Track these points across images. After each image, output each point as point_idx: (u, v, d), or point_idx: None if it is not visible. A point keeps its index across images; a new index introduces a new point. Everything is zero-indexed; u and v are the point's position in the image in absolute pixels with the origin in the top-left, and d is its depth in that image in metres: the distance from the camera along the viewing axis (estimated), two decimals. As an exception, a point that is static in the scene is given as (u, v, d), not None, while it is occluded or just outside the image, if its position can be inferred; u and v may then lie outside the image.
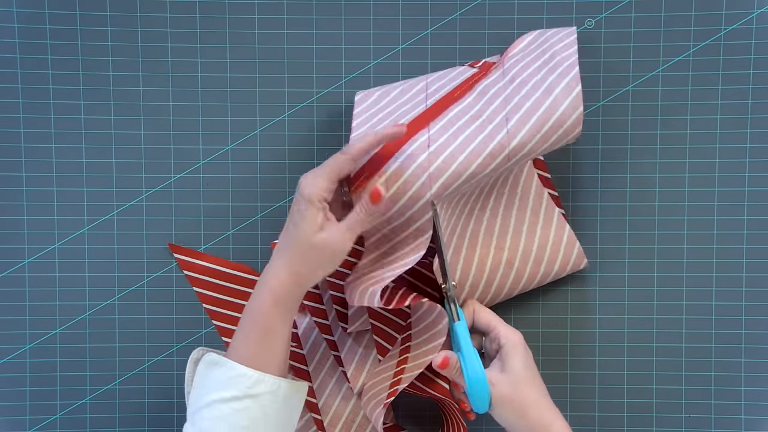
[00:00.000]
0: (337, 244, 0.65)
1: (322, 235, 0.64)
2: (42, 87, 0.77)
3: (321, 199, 0.64)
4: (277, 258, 0.65)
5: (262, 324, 0.64)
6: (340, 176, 0.65)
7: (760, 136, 0.76)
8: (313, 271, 0.65)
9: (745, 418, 0.77)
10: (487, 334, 0.70)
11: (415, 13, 0.77)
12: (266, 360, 0.64)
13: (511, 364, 0.67)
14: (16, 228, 0.78)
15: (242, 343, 0.65)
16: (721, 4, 0.76)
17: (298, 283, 0.65)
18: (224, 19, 0.77)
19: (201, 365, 0.65)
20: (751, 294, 0.77)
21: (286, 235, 0.65)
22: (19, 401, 0.78)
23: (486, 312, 0.71)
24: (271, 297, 0.64)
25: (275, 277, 0.65)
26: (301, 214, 0.64)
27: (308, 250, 0.64)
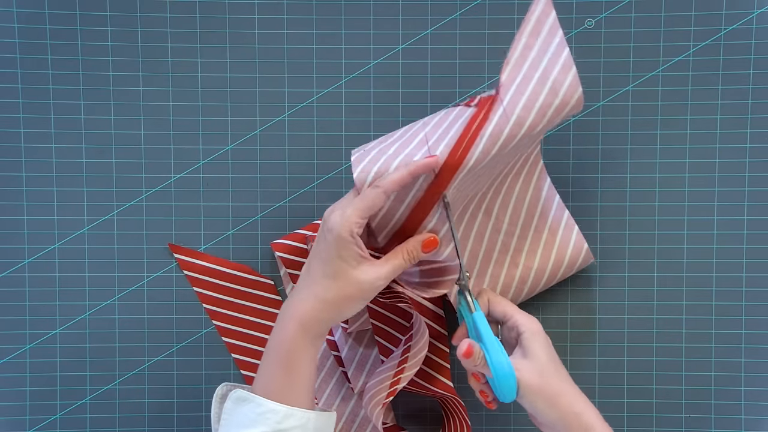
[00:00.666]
0: (375, 284, 0.63)
1: (359, 272, 0.62)
2: (42, 87, 0.77)
3: (353, 234, 0.62)
4: (305, 288, 0.64)
5: (288, 354, 0.63)
6: (372, 211, 0.63)
7: (760, 136, 0.76)
8: (344, 305, 0.63)
9: (745, 418, 0.77)
10: (504, 323, 0.70)
11: (415, 13, 0.77)
12: (293, 392, 0.63)
13: (535, 351, 0.66)
14: (16, 228, 0.78)
15: (268, 375, 0.64)
16: (721, 4, 0.76)
17: (327, 313, 0.63)
18: (224, 19, 0.77)
19: (229, 402, 0.64)
20: (751, 294, 0.77)
21: (317, 268, 0.63)
22: (19, 401, 0.78)
23: (501, 301, 0.70)
24: (297, 326, 0.63)
25: (301, 304, 0.63)
26: (336, 250, 0.62)
27: (344, 285, 0.62)
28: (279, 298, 0.78)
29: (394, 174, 0.63)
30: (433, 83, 0.77)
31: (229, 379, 0.78)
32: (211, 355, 0.78)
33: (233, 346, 0.78)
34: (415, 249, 0.65)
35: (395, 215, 0.66)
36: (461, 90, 0.77)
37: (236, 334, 0.78)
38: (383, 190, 0.63)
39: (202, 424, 0.79)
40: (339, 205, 0.64)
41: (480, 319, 0.67)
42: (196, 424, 0.78)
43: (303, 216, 0.78)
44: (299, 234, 0.77)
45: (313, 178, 0.78)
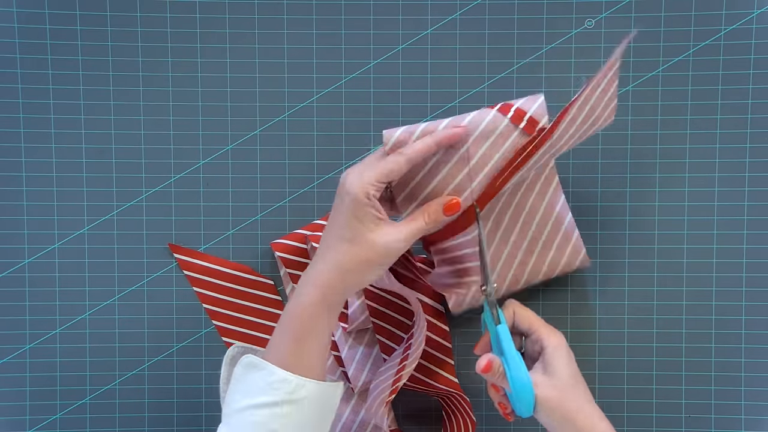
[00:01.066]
0: (394, 249, 0.61)
1: (377, 234, 0.61)
2: (42, 87, 0.77)
3: (370, 196, 0.60)
4: (322, 256, 0.62)
5: (304, 323, 0.62)
6: (391, 177, 0.62)
7: (760, 136, 0.76)
8: (363, 271, 0.62)
9: (745, 418, 0.77)
10: (528, 336, 0.69)
11: (415, 13, 0.77)
12: (306, 362, 0.62)
13: (556, 367, 0.65)
14: (16, 228, 0.78)
15: (282, 344, 0.62)
16: (721, 4, 0.76)
17: (344, 280, 0.61)
18: (224, 19, 0.77)
19: (239, 367, 0.63)
20: (751, 294, 0.77)
21: (333, 232, 0.62)
22: (19, 401, 0.78)
23: (527, 313, 0.69)
24: (315, 293, 0.61)
25: (321, 273, 0.62)
26: (351, 212, 0.60)
27: (361, 248, 0.61)
28: (279, 298, 0.78)
29: (419, 143, 0.62)
30: (433, 83, 0.77)
31: (229, 379, 0.78)
32: (211, 355, 0.78)
33: (233, 346, 0.78)
34: (437, 211, 0.64)
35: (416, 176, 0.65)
36: (461, 90, 0.77)
37: (236, 334, 0.78)
38: (406, 158, 0.61)
39: (202, 424, 0.79)
40: (357, 166, 0.62)
41: (504, 332, 0.66)
42: (196, 424, 0.79)
43: (303, 216, 0.78)
44: (299, 234, 0.77)
45: (313, 178, 0.78)
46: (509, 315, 0.69)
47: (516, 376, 0.64)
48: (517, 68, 0.77)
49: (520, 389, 0.65)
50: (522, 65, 0.77)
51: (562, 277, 0.76)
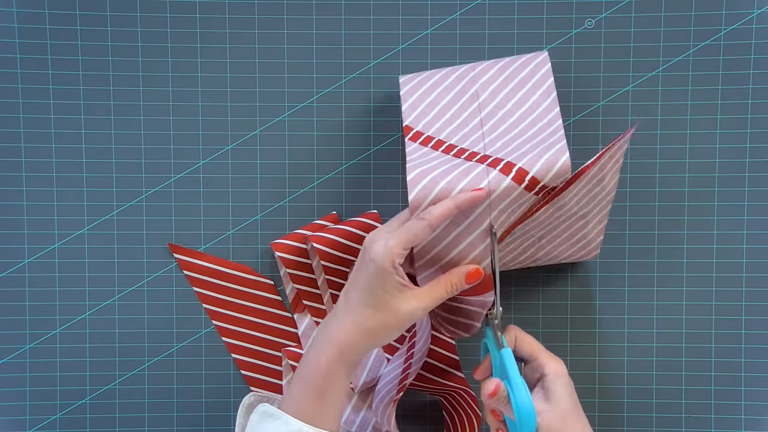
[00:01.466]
0: (415, 315, 0.63)
1: (399, 301, 0.62)
2: (42, 87, 0.77)
3: (395, 264, 0.62)
4: (343, 314, 0.64)
5: (322, 378, 0.63)
6: (415, 243, 0.63)
7: (760, 136, 0.76)
8: (384, 334, 0.63)
9: (745, 418, 0.77)
10: (529, 362, 0.68)
11: (415, 13, 0.77)
12: (323, 416, 0.63)
13: (557, 395, 0.65)
14: (16, 228, 0.78)
15: (299, 396, 0.63)
16: (721, 4, 0.76)
17: (365, 341, 0.63)
18: (224, 19, 0.77)
19: (254, 415, 0.64)
20: (751, 294, 0.77)
21: (357, 295, 0.63)
22: (19, 401, 0.78)
23: (529, 339, 0.69)
24: (334, 350, 0.63)
25: (342, 333, 0.63)
26: (377, 279, 0.62)
27: (384, 314, 0.62)
28: (279, 298, 0.78)
29: (440, 207, 0.63)
30: (433, 83, 0.77)
31: (229, 380, 0.78)
32: (211, 355, 0.78)
33: (233, 346, 0.78)
34: (459, 281, 0.65)
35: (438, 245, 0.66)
36: (461, 90, 0.77)
37: (236, 334, 0.78)
38: (428, 224, 0.62)
39: (201, 424, 0.79)
40: (381, 233, 0.63)
41: (508, 356, 0.66)
42: (196, 424, 0.79)
43: (303, 216, 0.78)
44: (299, 234, 0.77)
45: (313, 178, 0.78)
46: (510, 340, 0.68)
47: (520, 402, 0.63)
48: (517, 68, 0.77)
49: (524, 416, 0.63)
50: (522, 65, 0.77)
51: (562, 277, 0.76)
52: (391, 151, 0.78)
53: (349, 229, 0.75)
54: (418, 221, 0.62)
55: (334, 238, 0.74)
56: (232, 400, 0.78)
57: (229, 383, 0.78)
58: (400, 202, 0.78)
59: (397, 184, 0.78)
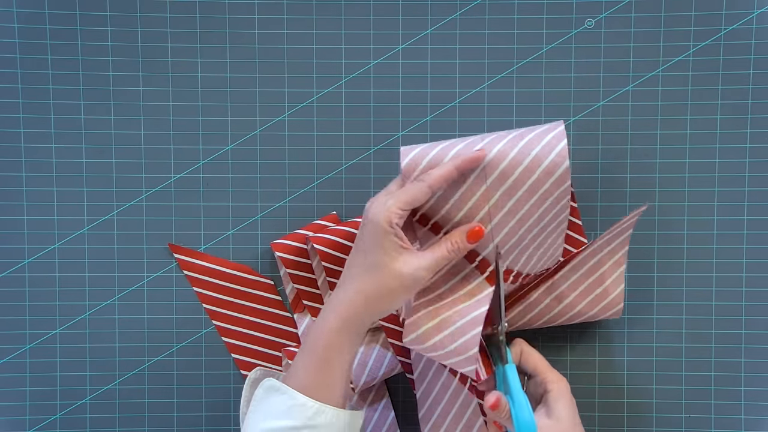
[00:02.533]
0: (416, 275, 0.61)
1: (401, 264, 0.61)
2: (42, 87, 0.77)
3: (393, 224, 0.60)
4: (346, 283, 0.63)
5: (326, 349, 0.62)
6: (414, 205, 0.62)
7: (760, 136, 0.76)
8: (386, 299, 0.62)
9: (745, 418, 0.77)
10: (532, 377, 0.68)
11: (415, 13, 0.77)
12: (327, 388, 0.62)
13: (560, 412, 0.65)
14: (16, 228, 0.78)
15: (303, 368, 0.63)
16: (721, 4, 0.76)
17: (368, 308, 0.62)
18: (224, 19, 0.77)
19: (260, 389, 0.64)
20: (751, 294, 0.77)
21: (357, 261, 0.62)
22: (19, 401, 0.78)
23: (534, 355, 0.69)
24: (338, 320, 0.62)
25: (345, 300, 0.62)
26: (375, 240, 0.61)
27: (385, 277, 0.61)
28: (279, 298, 0.78)
29: (439, 168, 0.62)
30: (433, 83, 0.77)
31: (229, 380, 0.78)
32: (211, 355, 0.78)
33: (233, 346, 0.78)
34: (460, 239, 0.63)
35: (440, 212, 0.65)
36: (461, 90, 0.77)
37: (236, 334, 0.78)
38: (428, 184, 0.61)
39: (202, 425, 0.79)
40: (380, 195, 0.63)
41: (512, 371, 0.66)
42: (196, 424, 0.79)
43: (303, 216, 0.78)
44: (299, 234, 0.77)
45: (313, 178, 0.78)
46: (516, 354, 0.68)
47: (521, 418, 0.63)
48: (517, 68, 0.77)
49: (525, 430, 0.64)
50: (522, 65, 0.77)
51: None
52: (391, 151, 0.78)
53: (350, 229, 0.75)
54: (417, 182, 0.62)
55: (334, 239, 0.74)
56: (232, 400, 0.78)
57: (229, 383, 0.78)
58: (400, 202, 0.78)
59: (397, 184, 0.78)
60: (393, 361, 0.76)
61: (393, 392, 0.79)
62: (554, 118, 0.77)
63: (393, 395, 0.78)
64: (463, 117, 0.77)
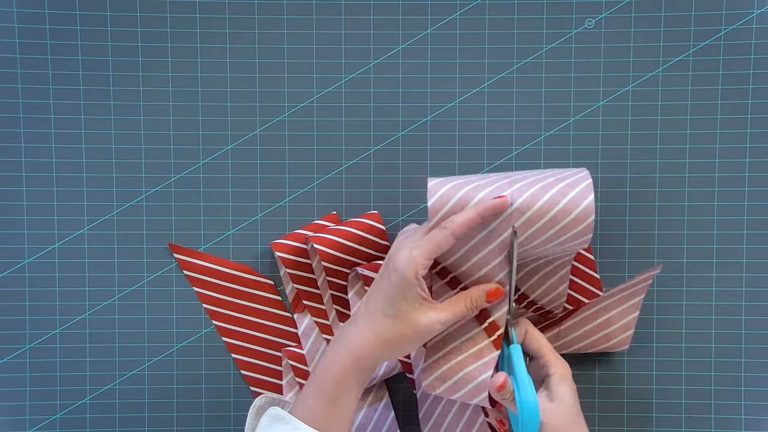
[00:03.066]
0: (432, 327, 0.63)
1: (419, 314, 0.62)
2: (42, 87, 0.77)
3: (418, 276, 0.62)
4: (362, 321, 0.64)
5: (335, 386, 0.63)
6: (438, 253, 0.63)
7: (760, 136, 0.76)
8: (400, 345, 0.63)
9: (745, 418, 0.77)
10: (534, 359, 0.69)
11: (415, 13, 0.77)
12: (334, 422, 0.63)
13: (562, 396, 0.65)
14: (16, 228, 0.78)
15: (310, 402, 0.63)
16: (721, 4, 0.76)
17: (381, 350, 0.63)
18: (224, 19, 0.77)
19: (265, 418, 0.64)
20: (751, 294, 0.77)
21: (378, 304, 0.63)
22: (19, 401, 0.78)
23: (538, 337, 0.69)
24: (350, 358, 0.63)
25: (359, 338, 0.63)
26: (399, 290, 0.62)
27: (403, 325, 0.62)
28: (279, 298, 0.78)
29: (462, 215, 0.63)
30: (433, 83, 0.77)
31: (229, 380, 0.78)
32: (211, 355, 0.78)
33: (233, 346, 0.78)
34: (480, 298, 0.65)
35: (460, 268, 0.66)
36: (461, 90, 0.77)
37: (236, 334, 0.78)
38: (451, 232, 0.62)
39: (201, 424, 0.79)
40: (406, 243, 0.64)
41: (517, 353, 0.66)
42: (196, 424, 0.79)
43: (303, 216, 0.78)
44: (299, 234, 0.77)
45: (313, 178, 0.78)
46: (520, 334, 0.69)
47: (525, 400, 0.64)
48: (517, 68, 0.77)
49: (528, 414, 0.64)
50: (522, 65, 0.77)
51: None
52: (391, 151, 0.78)
53: (350, 230, 0.75)
54: (441, 230, 0.63)
55: (334, 239, 0.74)
56: (232, 400, 0.78)
57: (229, 383, 0.78)
58: (400, 202, 0.78)
59: (397, 184, 0.78)
60: (393, 362, 0.76)
61: (393, 392, 0.79)
62: (554, 118, 0.77)
63: (393, 395, 0.78)
64: (463, 117, 0.77)
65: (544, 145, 0.77)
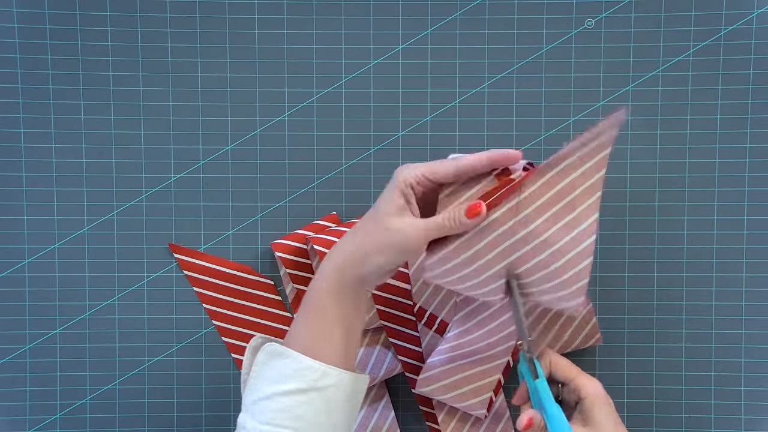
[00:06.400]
0: (409, 237, 0.61)
1: (395, 219, 0.61)
2: (42, 87, 0.77)
3: (408, 184, 0.61)
4: (347, 236, 0.63)
5: (324, 302, 0.62)
6: (436, 176, 0.62)
7: (760, 136, 0.76)
8: (379, 252, 0.61)
9: (745, 418, 0.77)
10: (566, 385, 0.68)
11: (415, 13, 0.77)
12: (326, 344, 0.62)
13: (597, 419, 0.64)
14: (16, 228, 0.78)
15: (303, 329, 0.62)
16: (721, 4, 0.76)
17: (362, 258, 0.61)
18: (224, 19, 0.77)
19: (261, 355, 0.62)
20: (751, 294, 0.77)
21: (366, 218, 0.63)
22: (19, 401, 0.78)
23: (564, 362, 0.68)
24: (335, 271, 0.62)
25: (343, 250, 0.62)
26: (387, 194, 0.62)
27: (379, 229, 0.61)
28: (279, 298, 0.78)
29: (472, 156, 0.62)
30: (433, 83, 0.77)
31: (229, 380, 0.78)
32: (211, 355, 0.78)
33: (233, 346, 0.78)
34: (459, 213, 0.62)
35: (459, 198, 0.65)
36: (461, 90, 0.77)
37: (236, 334, 0.78)
38: (455, 165, 0.62)
39: (201, 424, 0.79)
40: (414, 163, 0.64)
41: (543, 386, 0.65)
42: (196, 424, 0.79)
43: (303, 216, 0.78)
44: (299, 234, 0.77)
45: (313, 178, 0.78)
46: (545, 365, 0.68)
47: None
48: (517, 68, 0.77)
49: None
50: (522, 65, 0.77)
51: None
52: (391, 151, 0.78)
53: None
54: (448, 160, 0.63)
55: (334, 240, 0.74)
56: (232, 400, 0.78)
57: (229, 383, 0.78)
58: (400, 202, 0.78)
59: (397, 184, 0.78)
60: (393, 362, 0.76)
61: (393, 392, 0.79)
62: (554, 118, 0.77)
63: (393, 395, 0.78)
64: (463, 117, 0.77)
65: (544, 145, 0.77)
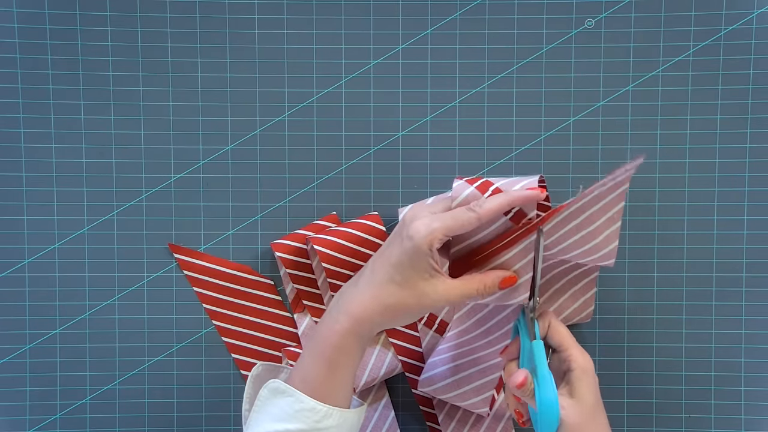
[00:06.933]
0: (438, 304, 0.61)
1: (427, 286, 0.60)
2: (42, 87, 0.77)
3: (433, 248, 0.59)
4: (364, 286, 0.62)
5: (335, 351, 0.61)
6: (458, 233, 0.61)
7: (760, 136, 0.76)
8: (402, 314, 0.61)
9: (745, 418, 0.77)
10: (557, 352, 0.67)
11: (415, 13, 0.77)
12: (334, 389, 0.62)
13: (583, 392, 0.64)
14: (16, 228, 0.78)
15: (310, 368, 0.62)
16: (721, 4, 0.76)
17: (382, 314, 0.61)
18: (224, 19, 0.77)
19: (265, 390, 0.63)
20: (751, 294, 0.77)
21: (384, 270, 0.61)
22: (19, 401, 0.78)
23: (562, 330, 0.67)
24: (350, 321, 0.61)
25: (359, 302, 0.61)
26: (410, 259, 0.59)
27: (408, 295, 0.60)
28: (279, 298, 0.78)
29: (493, 200, 0.61)
30: (433, 83, 0.77)
31: (229, 380, 0.78)
32: (211, 355, 0.78)
33: (233, 346, 0.78)
34: (493, 284, 0.62)
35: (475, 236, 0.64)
36: (461, 90, 0.77)
37: (236, 334, 0.78)
38: (477, 216, 0.60)
39: (201, 424, 0.79)
40: (425, 212, 0.61)
41: (539, 349, 0.65)
42: (196, 424, 0.79)
43: (303, 216, 0.78)
44: (299, 234, 0.77)
45: (313, 178, 0.78)
46: (543, 327, 0.67)
47: (545, 399, 0.63)
48: (517, 68, 0.77)
49: (547, 411, 0.63)
50: (522, 65, 0.77)
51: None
52: (391, 151, 0.78)
53: (350, 231, 0.75)
54: (468, 211, 0.60)
55: (335, 240, 0.74)
56: (232, 400, 0.78)
57: (229, 383, 0.78)
58: (400, 202, 0.78)
59: (397, 184, 0.78)
60: (393, 362, 0.76)
61: (393, 392, 0.79)
62: (554, 118, 0.77)
63: (393, 395, 0.78)
64: (463, 117, 0.77)
65: (544, 145, 0.77)
